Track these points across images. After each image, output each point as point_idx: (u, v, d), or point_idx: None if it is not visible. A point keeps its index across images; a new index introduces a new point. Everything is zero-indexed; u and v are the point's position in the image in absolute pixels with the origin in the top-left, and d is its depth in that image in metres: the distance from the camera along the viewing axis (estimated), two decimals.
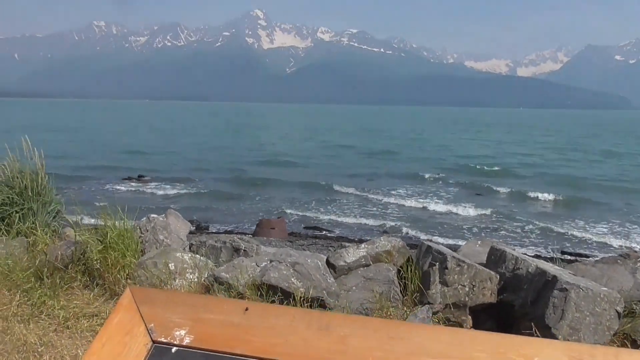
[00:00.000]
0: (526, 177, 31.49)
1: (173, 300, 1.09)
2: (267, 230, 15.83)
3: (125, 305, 1.07)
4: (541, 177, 31.17)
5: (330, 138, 65.21)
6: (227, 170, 32.12)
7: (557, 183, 28.79)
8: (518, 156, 44.76)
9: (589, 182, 29.39)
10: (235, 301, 1.11)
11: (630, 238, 17.36)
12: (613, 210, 21.70)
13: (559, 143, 63.49)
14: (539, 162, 40.16)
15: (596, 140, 69.14)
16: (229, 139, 61.76)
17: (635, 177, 31.37)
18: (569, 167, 36.81)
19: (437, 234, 17.63)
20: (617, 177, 31.61)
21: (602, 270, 5.30)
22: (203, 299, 1.14)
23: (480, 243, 6.57)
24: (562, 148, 54.79)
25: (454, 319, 5.02)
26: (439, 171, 32.94)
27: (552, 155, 46.48)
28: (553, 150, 51.28)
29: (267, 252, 6.47)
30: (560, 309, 4.34)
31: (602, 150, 51.19)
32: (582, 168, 36.74)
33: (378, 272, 5.55)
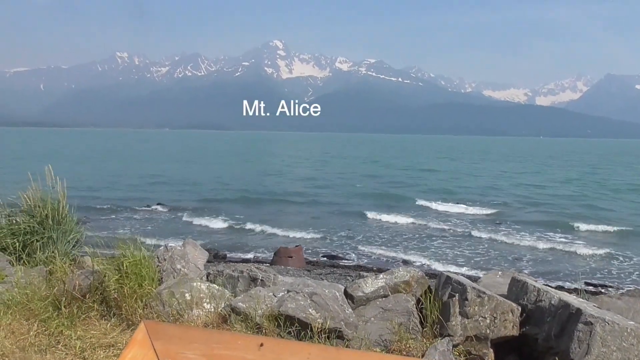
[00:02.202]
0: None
1: (187, 336, 1.08)
2: (285, 259, 15.78)
3: (139, 340, 1.06)
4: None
5: (348, 166, 65.34)
6: (247, 199, 32.32)
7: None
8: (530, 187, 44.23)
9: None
10: (250, 336, 1.09)
11: None
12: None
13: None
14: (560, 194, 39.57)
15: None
16: (249, 167, 62.33)
17: None
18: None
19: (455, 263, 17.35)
20: None
21: (627, 303, 5.14)
22: (217, 334, 1.13)
23: (501, 274, 6.43)
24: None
25: (475, 352, 4.88)
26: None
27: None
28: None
29: (285, 282, 6.42)
30: (586, 343, 4.20)
31: None
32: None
33: (397, 303, 5.45)
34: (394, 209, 28.42)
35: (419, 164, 72.55)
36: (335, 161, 75.34)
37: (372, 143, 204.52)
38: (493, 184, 44.78)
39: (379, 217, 25.52)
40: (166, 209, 27.60)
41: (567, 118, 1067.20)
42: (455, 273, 7.06)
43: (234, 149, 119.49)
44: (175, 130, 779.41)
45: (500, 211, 28.57)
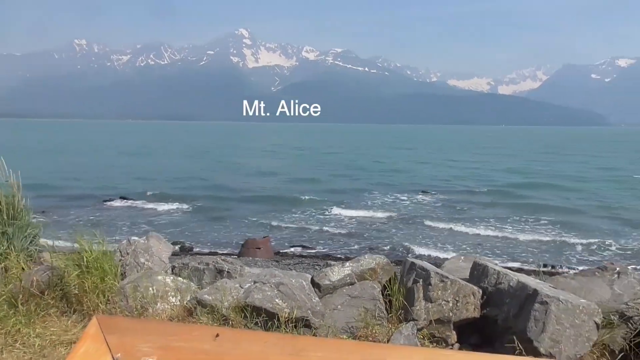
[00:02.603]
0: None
1: (141, 328, 1.07)
2: (253, 250, 15.73)
3: (91, 334, 1.04)
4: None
5: (318, 156, 65.44)
6: (212, 190, 31.95)
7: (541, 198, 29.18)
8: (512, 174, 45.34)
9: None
10: (206, 327, 1.10)
11: (606, 249, 17.65)
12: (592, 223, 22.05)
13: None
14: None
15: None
16: (213, 158, 61.52)
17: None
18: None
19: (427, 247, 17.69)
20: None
21: (581, 282, 5.36)
22: (173, 326, 1.13)
23: (464, 258, 6.59)
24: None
25: (439, 335, 5.01)
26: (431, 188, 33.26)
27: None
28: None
29: (252, 273, 6.41)
30: (542, 321, 4.37)
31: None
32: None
33: (363, 290, 5.53)
34: (355, 200, 28.51)
35: (380, 154, 73.25)
36: (299, 153, 75.15)
37: (338, 134, 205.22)
38: (448, 172, 45.67)
39: (340, 208, 25.61)
40: (129, 202, 27.04)
41: (528, 106, 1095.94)
42: (420, 259, 7.21)
43: (199, 140, 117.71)
44: (138, 121, 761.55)
45: (457, 198, 29.21)
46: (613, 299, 5.24)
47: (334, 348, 1.06)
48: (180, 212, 24.92)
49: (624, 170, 48.17)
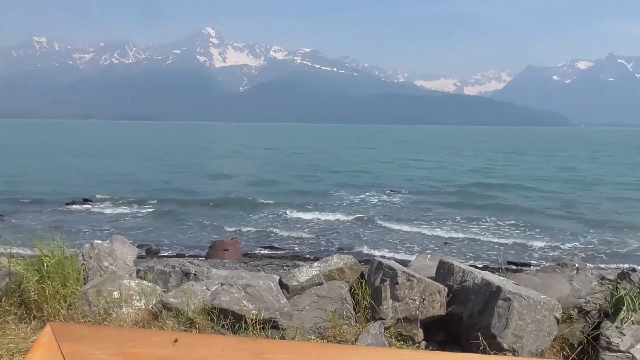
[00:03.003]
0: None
1: (97, 335, 1.04)
2: (221, 252, 15.56)
3: (44, 343, 1.01)
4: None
5: (285, 156, 65.28)
6: (177, 191, 31.44)
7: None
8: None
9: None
10: (164, 332, 1.08)
11: (566, 247, 18.24)
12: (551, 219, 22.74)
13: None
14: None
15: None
16: (180, 159, 60.56)
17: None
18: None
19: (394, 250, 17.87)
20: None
21: (542, 279, 5.52)
22: (130, 332, 1.10)
23: (430, 257, 6.70)
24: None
25: (406, 333, 5.08)
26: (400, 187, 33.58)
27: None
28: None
29: (219, 275, 6.35)
30: (505, 317, 4.48)
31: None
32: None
33: (331, 291, 5.55)
34: (322, 200, 28.48)
35: (348, 154, 73.71)
36: (266, 153, 74.78)
37: (306, 134, 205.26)
38: (415, 173, 46.33)
39: (309, 209, 25.60)
40: (91, 205, 26.35)
41: (493, 107, 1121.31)
42: (387, 258, 7.28)
43: (164, 141, 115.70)
44: (102, 121, 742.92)
45: (424, 198, 29.67)
46: (572, 294, 5.41)
47: (295, 350, 1.06)
48: (145, 214, 24.43)
49: (581, 170, 49.91)
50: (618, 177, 41.92)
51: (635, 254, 17.31)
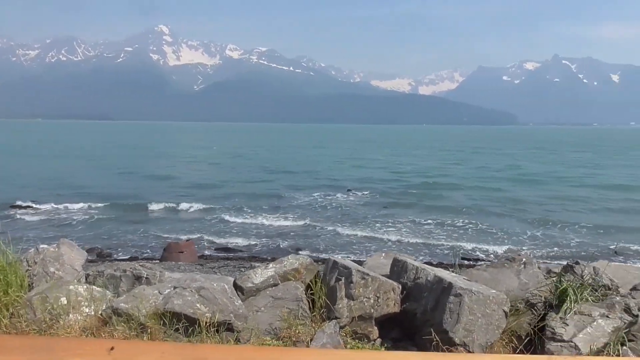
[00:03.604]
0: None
1: (28, 345, 0.98)
2: (176, 255, 15.26)
3: None
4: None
5: (240, 156, 64.59)
6: (130, 194, 30.58)
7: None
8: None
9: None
10: (100, 340, 1.04)
11: (514, 242, 18.93)
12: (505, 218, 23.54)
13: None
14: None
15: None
16: (128, 160, 58.87)
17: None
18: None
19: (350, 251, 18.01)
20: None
21: (492, 274, 5.69)
22: (64, 341, 1.05)
23: (385, 255, 6.78)
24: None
25: (361, 331, 5.12)
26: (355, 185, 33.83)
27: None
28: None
29: (172, 278, 6.20)
30: (456, 313, 4.59)
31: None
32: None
33: (286, 291, 5.53)
34: (278, 201, 28.43)
35: (304, 154, 73.86)
36: (220, 153, 73.77)
37: (261, 133, 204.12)
38: (371, 172, 46.96)
39: (265, 210, 25.50)
40: (37, 207, 25.25)
41: (447, 107, 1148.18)
42: (343, 257, 7.33)
43: (113, 140, 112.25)
44: (49, 120, 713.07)
45: (380, 197, 30.10)
46: (520, 288, 5.60)
47: (236, 354, 1.04)
48: (95, 217, 23.61)
49: (527, 168, 51.91)
50: (561, 175, 43.82)
51: (579, 247, 18.14)
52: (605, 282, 5.75)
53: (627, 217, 24.07)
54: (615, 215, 24.24)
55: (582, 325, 4.76)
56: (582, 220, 22.66)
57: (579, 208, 26.24)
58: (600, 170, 47.91)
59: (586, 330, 4.69)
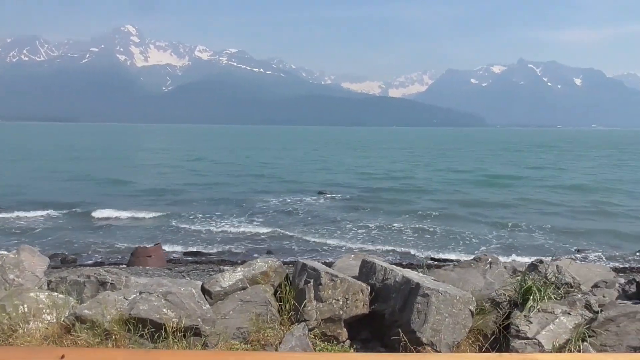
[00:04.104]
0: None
1: None
2: (143, 259, 14.98)
3: None
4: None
5: (210, 159, 63.92)
6: (92, 195, 29.87)
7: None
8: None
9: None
10: (50, 348, 1.00)
11: (481, 242, 19.31)
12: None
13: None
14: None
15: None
16: (95, 162, 57.48)
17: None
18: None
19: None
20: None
21: (459, 274, 5.79)
22: (12, 350, 1.01)
23: (354, 257, 6.81)
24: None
25: (330, 333, 5.12)
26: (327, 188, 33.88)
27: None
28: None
29: (138, 284, 6.09)
30: (424, 313, 4.65)
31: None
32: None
33: (255, 295, 5.50)
34: (248, 204, 28.06)
35: (274, 157, 73.70)
36: (189, 156, 72.75)
37: (231, 136, 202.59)
38: (342, 175, 47.21)
39: (235, 212, 25.26)
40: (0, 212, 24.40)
41: (417, 109, 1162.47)
42: (313, 259, 7.33)
43: (76, 143, 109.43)
44: (9, 122, 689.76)
45: (351, 199, 30.24)
46: (486, 287, 5.72)
47: (191, 359, 1.02)
48: (57, 221, 22.91)
49: (492, 169, 53.10)
50: (524, 175, 44.92)
51: (543, 247, 18.63)
52: (567, 280, 5.92)
53: (589, 217, 24.83)
54: (578, 216, 24.98)
55: (545, 323, 4.89)
56: (546, 221, 23.27)
57: (543, 209, 26.93)
58: (561, 172, 49.31)
59: (549, 327, 4.81)
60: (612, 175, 45.92)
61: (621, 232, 21.00)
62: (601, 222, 23.43)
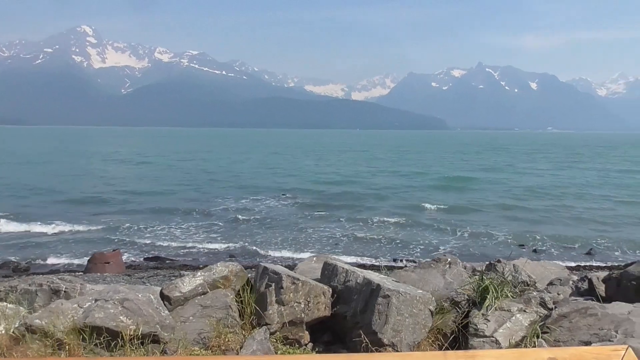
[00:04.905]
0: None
1: None
2: (101, 266, 14.55)
3: None
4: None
5: (169, 162, 62.79)
6: (53, 202, 28.82)
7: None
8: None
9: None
10: None
11: (441, 243, 19.68)
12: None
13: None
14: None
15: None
16: (49, 166, 55.46)
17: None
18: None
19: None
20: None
21: (419, 274, 5.87)
22: None
23: (316, 259, 6.81)
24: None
25: (292, 337, 5.10)
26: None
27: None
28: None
29: (94, 291, 5.91)
30: (385, 314, 4.69)
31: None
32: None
33: (215, 299, 5.41)
34: (207, 206, 27.69)
35: (237, 159, 73.17)
36: (145, 160, 71.18)
37: (192, 138, 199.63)
38: (304, 176, 47.28)
39: (192, 217, 24.84)
40: None
41: (379, 112, 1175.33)
42: (276, 262, 7.25)
43: (31, 147, 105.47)
44: None
45: (312, 201, 30.28)
46: (445, 287, 5.81)
47: None
48: (8, 225, 21.94)
49: (455, 170, 54.33)
50: (481, 177, 46.11)
51: (501, 247, 19.14)
52: (523, 279, 6.10)
53: (544, 218, 25.62)
54: (534, 217, 25.72)
55: (502, 321, 5.01)
56: (504, 222, 23.92)
57: (500, 210, 27.65)
58: (517, 174, 50.82)
59: (506, 325, 4.93)
60: (565, 177, 47.70)
61: (575, 232, 21.81)
62: (556, 222, 24.25)
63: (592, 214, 26.12)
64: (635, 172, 52.96)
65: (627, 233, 21.69)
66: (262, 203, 29.40)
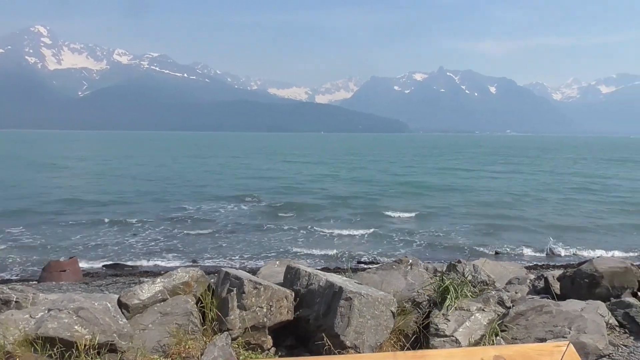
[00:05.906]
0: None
1: None
2: (57, 274, 14.01)
3: None
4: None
5: (126, 167, 61.30)
6: (5, 208, 27.65)
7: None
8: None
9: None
10: None
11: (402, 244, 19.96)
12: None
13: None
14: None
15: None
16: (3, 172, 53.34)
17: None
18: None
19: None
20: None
21: (381, 276, 5.92)
22: None
23: (279, 263, 6.78)
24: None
25: (255, 342, 5.04)
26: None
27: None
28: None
29: (47, 300, 5.69)
30: (347, 316, 4.70)
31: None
32: None
33: (176, 306, 5.30)
34: (167, 212, 27.07)
35: (199, 163, 72.20)
36: (105, 163, 69.46)
37: (151, 142, 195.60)
38: (267, 181, 47.10)
39: (157, 222, 24.31)
40: None
41: (343, 115, 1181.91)
42: (238, 267, 7.16)
43: None
44: None
45: (276, 205, 30.15)
46: (407, 288, 5.88)
47: None
48: None
49: (414, 175, 55.26)
50: (445, 181, 47.05)
51: (462, 249, 19.54)
52: (483, 278, 6.24)
53: (504, 219, 26.31)
54: (494, 218, 26.36)
55: (462, 320, 5.10)
56: (464, 224, 24.38)
57: (461, 212, 28.22)
58: (476, 177, 52.08)
59: (465, 325, 5.03)
60: (522, 179, 49.16)
61: (533, 234, 22.47)
62: (516, 224, 24.87)
63: (548, 216, 26.99)
64: (588, 174, 55.17)
65: (582, 233, 22.55)
66: (223, 207, 28.98)
